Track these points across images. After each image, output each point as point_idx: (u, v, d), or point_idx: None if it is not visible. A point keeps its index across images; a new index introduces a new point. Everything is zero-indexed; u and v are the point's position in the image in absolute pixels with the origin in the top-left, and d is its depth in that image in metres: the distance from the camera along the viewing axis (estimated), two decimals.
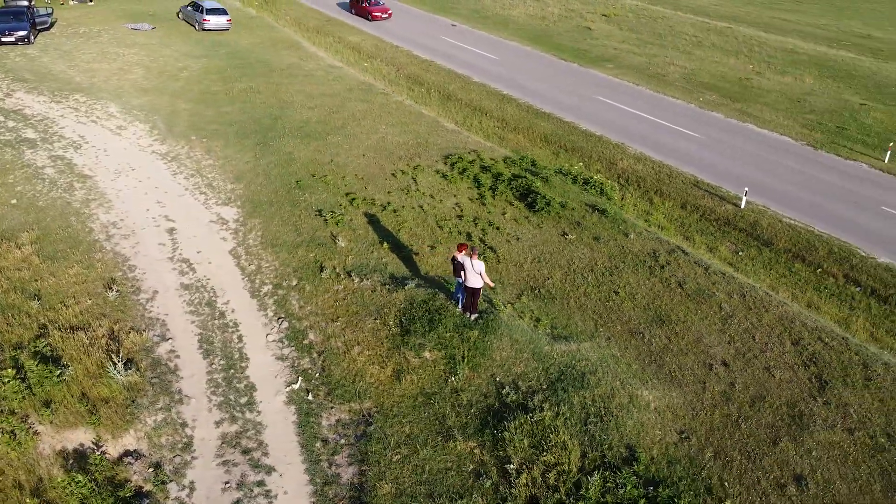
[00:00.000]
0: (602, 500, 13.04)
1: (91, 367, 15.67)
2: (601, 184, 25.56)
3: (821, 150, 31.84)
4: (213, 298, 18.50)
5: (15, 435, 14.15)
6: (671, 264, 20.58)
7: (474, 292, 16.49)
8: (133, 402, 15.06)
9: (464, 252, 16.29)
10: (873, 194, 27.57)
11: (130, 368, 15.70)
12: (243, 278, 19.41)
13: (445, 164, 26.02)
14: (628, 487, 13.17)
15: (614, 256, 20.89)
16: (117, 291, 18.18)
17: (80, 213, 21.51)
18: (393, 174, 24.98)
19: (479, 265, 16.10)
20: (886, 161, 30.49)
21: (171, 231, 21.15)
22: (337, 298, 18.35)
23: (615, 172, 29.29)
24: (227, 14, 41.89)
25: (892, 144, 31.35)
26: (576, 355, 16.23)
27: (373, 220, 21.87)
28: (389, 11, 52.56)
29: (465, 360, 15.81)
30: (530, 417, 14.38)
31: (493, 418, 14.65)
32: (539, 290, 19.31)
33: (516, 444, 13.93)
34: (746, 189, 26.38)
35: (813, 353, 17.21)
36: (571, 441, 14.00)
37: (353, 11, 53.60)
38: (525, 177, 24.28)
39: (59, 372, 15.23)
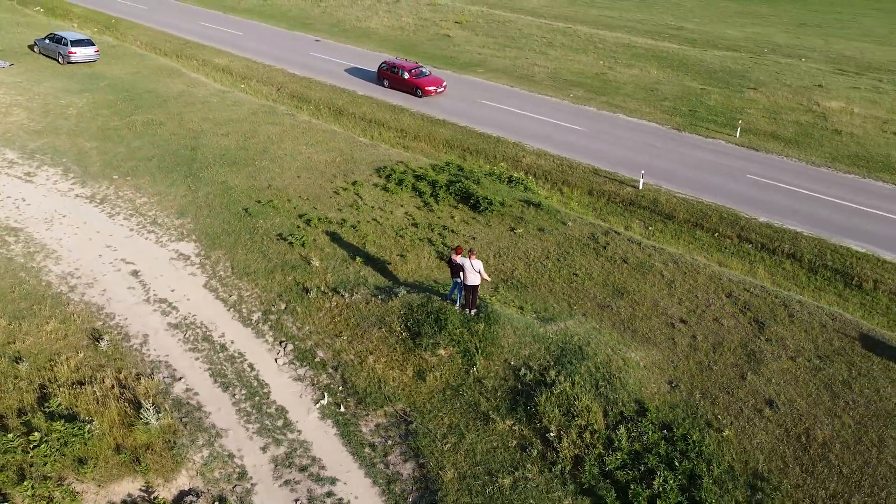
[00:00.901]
0: (631, 447, 15.26)
1: (115, 417, 15.49)
2: (524, 181, 28.00)
3: (684, 131, 36.57)
4: (208, 333, 18.60)
5: (52, 500, 13.84)
6: (610, 244, 23.38)
7: (473, 289, 18.10)
8: (174, 443, 15.13)
9: (461, 254, 17.86)
10: (738, 165, 32.36)
11: (159, 412, 15.68)
12: (228, 310, 19.59)
13: (380, 176, 27.20)
14: (649, 434, 15.50)
15: (561, 244, 23.34)
16: (107, 340, 17.75)
17: (28, 268, 20.40)
18: (335, 192, 25.80)
19: (478, 264, 17.73)
20: (738, 136, 35.73)
21: (134, 273, 20.69)
22: (333, 315, 19.16)
23: (521, 169, 31.88)
24: (94, 45, 39.72)
25: (740, 122, 36.74)
26: (566, 332, 18.35)
27: (336, 238, 22.69)
28: (444, 84, 41.53)
29: (479, 351, 17.41)
30: (552, 391, 16.29)
31: (520, 397, 16.39)
32: (510, 282, 21.28)
33: (550, 415, 15.80)
34: (643, 171, 30.02)
35: (745, 301, 20.63)
36: (592, 404, 16.09)
37: (387, 84, 42.03)
38: (460, 181, 26.13)
39: (86, 428, 14.93)
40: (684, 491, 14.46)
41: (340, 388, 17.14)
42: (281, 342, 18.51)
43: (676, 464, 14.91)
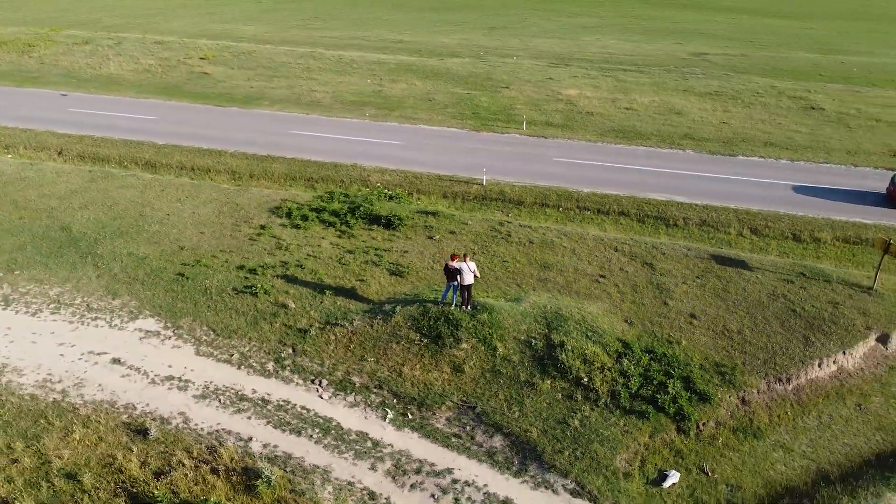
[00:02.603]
0: (638, 371, 19.90)
1: (227, 489, 15.63)
2: (401, 196, 30.99)
3: (482, 131, 42.40)
4: (240, 393, 18.89)
5: None
6: (513, 232, 27.81)
7: (469, 288, 21.11)
8: (301, 490, 15.87)
9: (457, 260, 20.72)
10: (542, 152, 39.02)
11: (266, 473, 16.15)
12: (239, 368, 19.85)
13: (279, 216, 28.05)
14: (642, 359, 20.34)
15: (477, 240, 27.12)
16: (155, 428, 17.16)
17: None
18: (251, 239, 26.18)
19: (473, 265, 20.80)
20: (525, 128, 42.61)
21: (117, 361, 19.57)
22: (345, 345, 20.64)
23: (376, 185, 34.64)
24: None
25: (524, 116, 43.75)
26: (538, 305, 22.34)
27: (290, 280, 23.59)
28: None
29: (494, 336, 20.57)
30: (566, 348, 20.25)
31: (545, 360, 20.02)
32: None
33: (575, 366, 19.74)
34: (485, 170, 34.90)
35: (629, 252, 26.65)
36: (596, 349, 20.41)
37: None
38: (359, 206, 28.32)
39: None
40: (686, 389, 19.54)
41: (395, 400, 19.03)
42: (312, 381, 19.55)
43: (672, 372, 19.95)
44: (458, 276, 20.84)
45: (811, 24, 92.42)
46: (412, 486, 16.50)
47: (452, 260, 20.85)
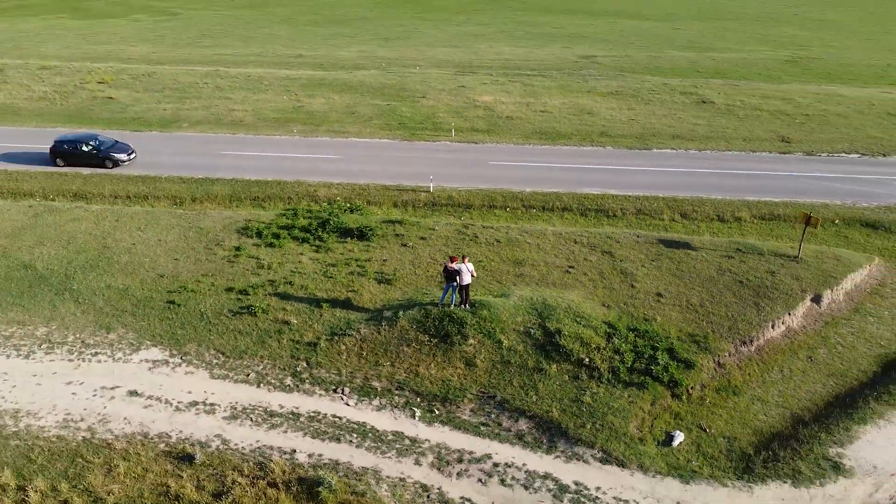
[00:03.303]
0: (629, 348, 21.97)
1: (288, 500, 16.15)
2: (360, 207, 31.77)
3: (414, 140, 43.67)
4: (268, 409, 19.31)
5: None
6: (478, 234, 29.36)
7: (467, 287, 22.44)
8: (362, 491, 16.62)
9: (456, 262, 21.99)
10: (478, 157, 40.73)
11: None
12: (259, 386, 20.19)
13: (250, 236, 28.13)
14: (629, 336, 22.48)
15: (448, 244, 28.42)
16: (200, 452, 17.28)
17: (15, 435, 17.39)
18: (229, 261, 26.18)
19: (471, 265, 22.17)
20: (454, 136, 44.29)
21: (134, 394, 19.34)
22: (357, 353, 21.43)
23: (325, 200, 35.10)
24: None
25: (452, 125, 45.41)
26: (525, 298, 24.03)
27: (283, 297, 23.96)
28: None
29: (497, 330, 22.02)
30: (562, 334, 22.04)
31: (547, 347, 21.70)
32: (442, 283, 25.67)
33: (575, 349, 21.57)
34: (431, 177, 36.21)
35: (588, 243, 28.92)
36: (588, 332, 22.34)
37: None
38: (328, 220, 28.91)
39: None
40: (672, 359, 21.83)
41: (418, 399, 20.07)
42: (334, 390, 20.21)
43: (657, 345, 22.20)
44: (458, 277, 22.14)
45: (678, 25, 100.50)
46: (458, 474, 17.64)
47: (452, 262, 22.12)
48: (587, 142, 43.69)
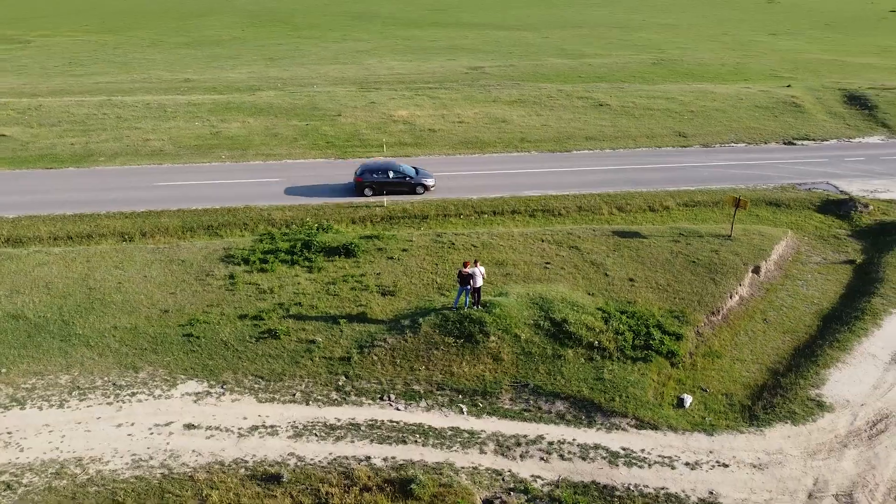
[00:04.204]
0: (626, 329, 24.66)
1: (386, 501, 17.23)
2: (330, 226, 32.55)
3: (349, 158, 44.45)
4: (328, 424, 20.15)
5: None
6: (454, 242, 31.13)
7: (479, 290, 24.21)
8: (448, 484, 17.96)
9: (469, 266, 23.70)
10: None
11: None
12: (308, 404, 21.03)
13: (237, 264, 28.21)
14: (623, 319, 25.21)
15: (430, 255, 29.96)
16: (285, 471, 17.86)
17: (88, 481, 17.09)
18: (228, 290, 26.24)
19: (482, 269, 23.99)
20: (385, 151, 45.60)
21: (190, 427, 19.48)
22: (390, 361, 22.63)
23: (282, 223, 35.32)
24: None
25: (384, 141, 46.64)
26: (523, 295, 26.15)
27: (299, 318, 24.58)
28: None
29: (513, 325, 23.94)
30: (569, 322, 24.36)
31: (559, 335, 23.92)
32: (440, 289, 27.26)
33: (583, 334, 23.98)
34: (385, 191, 37.41)
35: (555, 240, 31.56)
36: (589, 318, 24.82)
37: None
38: (309, 241, 29.55)
39: None
40: (664, 333, 24.76)
41: (460, 396, 21.64)
42: (381, 398, 21.31)
43: (647, 323, 25.08)
44: (471, 280, 23.87)
45: (545, 33, 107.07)
46: (521, 456, 19.43)
47: (465, 267, 23.82)
48: (511, 148, 46.63)
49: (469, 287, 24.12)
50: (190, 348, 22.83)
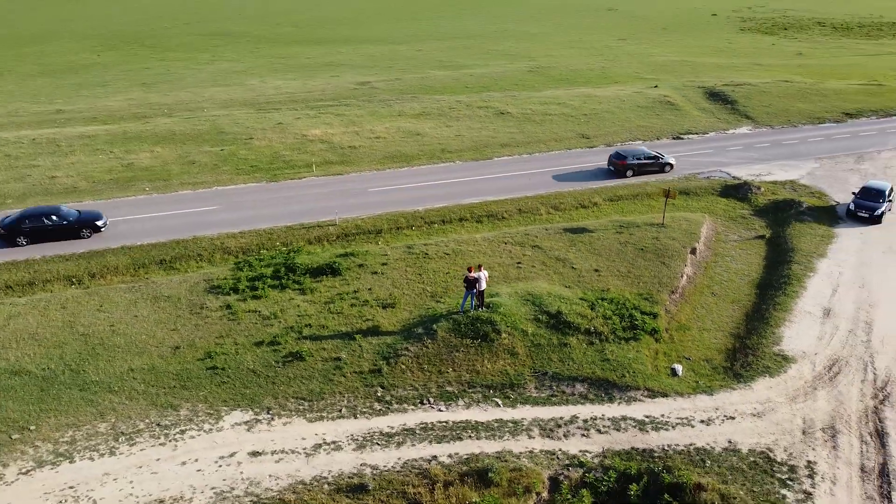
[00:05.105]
0: (610, 313, 27.45)
1: (472, 492, 18.66)
2: (302, 247, 32.93)
3: (281, 180, 44.35)
4: (380, 431, 20.95)
5: None
6: (427, 252, 32.62)
7: (483, 292, 26.00)
8: (518, 468, 19.64)
9: (474, 271, 25.43)
10: (353, 186, 42.95)
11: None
12: (357, 417, 21.91)
13: (228, 294, 28.04)
14: (604, 305, 28.00)
15: (410, 266, 31.26)
16: (370, 481, 18.66)
17: None
18: (230, 320, 26.13)
19: (486, 273, 25.79)
20: (315, 170, 45.88)
21: (256, 454, 19.66)
22: (418, 368, 23.90)
23: (238, 251, 35.03)
24: None
25: (315, 162, 46.80)
26: (513, 293, 28.25)
27: (314, 339, 25.18)
28: None
29: (518, 322, 25.95)
30: (566, 313, 26.77)
31: (560, 326, 26.23)
32: (433, 297, 28.70)
33: (581, 322, 26.47)
34: (336, 213, 37.97)
35: (518, 241, 33.94)
36: (578, 307, 27.36)
37: None
38: (291, 265, 29.94)
39: None
40: (643, 314, 27.79)
41: (491, 391, 23.38)
42: (421, 402, 22.60)
43: (626, 306, 28.03)
44: (477, 284, 25.62)
45: (419, 46, 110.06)
46: (564, 435, 21.54)
47: (470, 272, 25.54)
48: (435, 159, 48.63)
49: (475, 290, 25.86)
50: (220, 380, 22.80)
